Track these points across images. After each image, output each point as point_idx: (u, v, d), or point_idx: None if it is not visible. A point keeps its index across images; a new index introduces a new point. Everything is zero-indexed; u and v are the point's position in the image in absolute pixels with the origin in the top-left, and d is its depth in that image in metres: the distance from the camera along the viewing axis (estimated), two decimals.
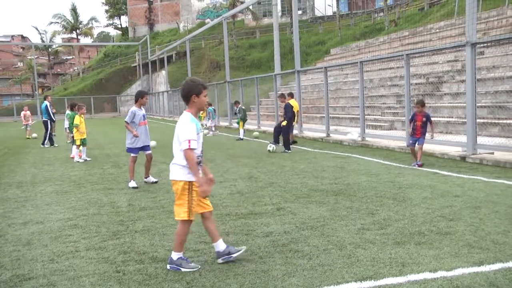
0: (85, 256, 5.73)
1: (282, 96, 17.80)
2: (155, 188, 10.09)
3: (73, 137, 16.68)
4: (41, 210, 8.42)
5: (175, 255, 5.14)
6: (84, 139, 15.48)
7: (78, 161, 15.17)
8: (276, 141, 16.50)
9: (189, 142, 4.96)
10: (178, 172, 5.14)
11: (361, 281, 4.60)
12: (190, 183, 5.06)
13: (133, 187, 10.35)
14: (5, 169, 14.21)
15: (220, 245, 5.29)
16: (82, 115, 15.63)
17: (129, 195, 9.50)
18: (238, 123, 22.86)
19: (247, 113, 23.54)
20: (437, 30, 28.51)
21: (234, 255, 5.24)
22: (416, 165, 11.58)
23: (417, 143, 11.86)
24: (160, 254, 5.68)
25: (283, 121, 16.31)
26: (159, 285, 4.71)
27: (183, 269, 5.03)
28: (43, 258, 5.74)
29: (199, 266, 5.11)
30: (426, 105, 12.19)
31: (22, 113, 28.83)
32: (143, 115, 10.80)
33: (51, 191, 10.22)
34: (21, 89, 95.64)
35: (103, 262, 5.49)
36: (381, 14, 48.51)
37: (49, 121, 21.62)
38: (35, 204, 8.99)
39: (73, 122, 16.48)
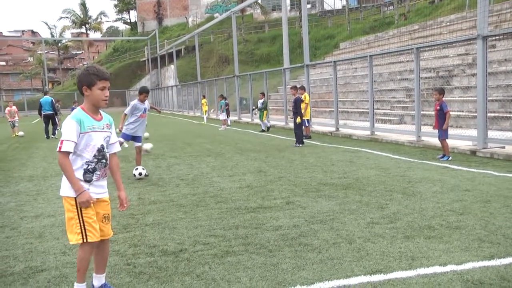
0: None
1: (294, 88, 17.73)
2: (164, 182, 10.14)
3: None
4: (52, 203, 8.49)
5: (75, 287, 4.28)
6: None
7: None
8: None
9: (61, 143, 4.00)
10: (63, 184, 4.17)
11: (370, 275, 4.61)
12: (76, 198, 4.08)
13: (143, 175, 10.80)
14: (16, 163, 14.31)
15: (100, 280, 4.42)
16: None
17: (139, 189, 9.54)
18: (262, 115, 22.84)
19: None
20: (448, 23, 28.33)
21: None
22: (440, 158, 11.62)
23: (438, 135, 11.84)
24: (170, 247, 5.71)
25: (296, 118, 16.29)
26: (169, 277, 4.75)
27: None
28: (55, 250, 5.79)
29: None
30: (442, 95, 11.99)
31: (7, 109, 26.61)
32: (144, 109, 11.07)
33: None
34: (31, 83, 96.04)
35: (114, 255, 5.53)
36: (391, 7, 48.27)
37: (54, 114, 23.86)
38: (47, 197, 9.06)
39: None
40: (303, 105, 17.80)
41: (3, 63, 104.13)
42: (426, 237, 5.70)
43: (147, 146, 12.69)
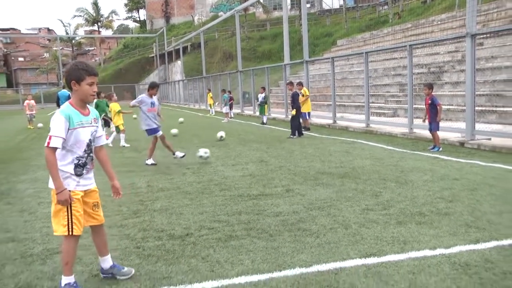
0: (108, 233, 5.75)
1: (290, 84, 17.75)
2: (171, 171, 10.15)
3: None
4: None
5: (64, 280, 4.07)
6: (117, 126, 15.56)
7: (125, 145, 15.16)
8: (299, 133, 16.20)
9: (50, 139, 3.85)
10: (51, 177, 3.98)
11: (365, 258, 4.63)
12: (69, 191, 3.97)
13: (152, 164, 10.98)
14: (33, 152, 14.33)
15: (107, 262, 4.41)
16: (116, 101, 15.76)
17: (148, 177, 9.56)
18: (263, 109, 22.71)
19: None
20: (439, 22, 28.21)
21: (117, 277, 4.35)
22: (431, 149, 11.69)
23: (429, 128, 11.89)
24: (177, 231, 5.73)
25: (292, 110, 16.27)
26: (176, 260, 4.76)
27: None
28: None
29: None
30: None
31: (26, 102, 26.09)
32: (152, 103, 11.04)
33: None
34: (47, 78, 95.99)
35: (125, 238, 5.56)
36: (386, 7, 48.04)
37: None
38: None
39: (96, 108, 16.77)
40: (303, 99, 17.79)
41: (22, 59, 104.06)
42: (417, 222, 5.72)
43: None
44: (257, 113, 24.67)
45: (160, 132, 11.16)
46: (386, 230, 5.46)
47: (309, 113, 18.36)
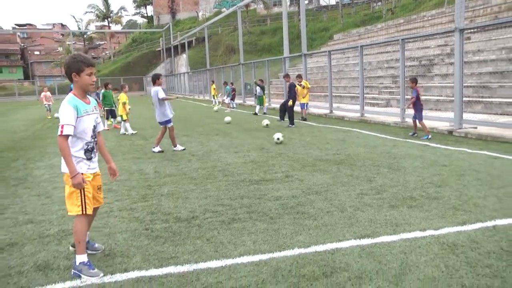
0: (118, 216, 5.81)
1: (287, 76, 17.67)
2: (178, 158, 10.15)
3: (106, 110, 17.08)
4: None
5: (78, 259, 4.06)
6: (126, 114, 15.55)
7: (125, 133, 15.19)
8: (281, 119, 16.35)
9: (62, 127, 3.94)
10: (63, 162, 4.07)
11: (360, 239, 4.64)
12: (81, 175, 4.04)
13: (159, 151, 10.91)
14: (49, 140, 14.33)
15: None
16: (125, 93, 15.71)
17: (155, 163, 9.56)
18: (261, 100, 22.62)
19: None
20: (429, 18, 28.07)
21: (88, 251, 4.32)
22: (411, 135, 12.01)
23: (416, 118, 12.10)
24: (183, 214, 5.74)
25: (288, 101, 16.22)
26: (182, 241, 4.78)
27: (83, 276, 3.95)
28: None
29: (102, 274, 3.99)
30: (418, 83, 12.36)
31: (43, 94, 25.91)
32: (163, 94, 10.97)
33: None
34: (61, 71, 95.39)
35: (134, 221, 5.57)
36: (379, 3, 47.84)
37: None
38: None
39: (104, 98, 16.88)
40: (304, 90, 17.74)
41: (37, 52, 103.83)
42: (408, 206, 5.72)
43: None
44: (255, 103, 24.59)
45: (171, 124, 11.08)
46: (379, 213, 5.47)
47: (307, 104, 18.31)
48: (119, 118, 16.34)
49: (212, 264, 4.15)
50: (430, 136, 11.53)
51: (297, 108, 18.08)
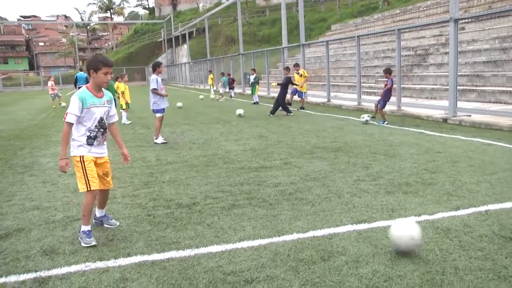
0: (121, 202, 5.82)
1: (287, 69, 17.59)
2: (179, 146, 10.14)
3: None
4: None
5: (82, 228, 4.48)
6: (128, 103, 15.42)
7: (125, 123, 15.02)
8: (272, 113, 16.05)
9: (66, 115, 4.33)
10: (72, 147, 4.48)
11: (356, 224, 4.64)
12: (81, 157, 4.41)
13: (162, 143, 10.51)
14: (54, 129, 14.32)
15: (100, 212, 4.94)
16: (125, 82, 15.54)
17: (157, 151, 9.55)
18: (254, 89, 22.49)
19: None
20: (425, 8, 27.89)
21: (104, 225, 4.89)
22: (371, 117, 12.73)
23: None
24: (184, 201, 5.74)
25: (278, 84, 16.29)
26: (184, 226, 4.78)
27: (82, 243, 4.37)
28: None
29: (94, 243, 4.34)
30: (392, 73, 13.15)
31: (50, 83, 25.41)
32: (160, 83, 10.60)
33: None
34: (65, 61, 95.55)
35: (137, 207, 5.57)
36: None
37: None
38: None
39: (108, 89, 16.61)
40: (302, 79, 17.70)
41: (42, 43, 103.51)
42: (404, 192, 5.73)
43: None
44: (260, 93, 24.52)
45: (161, 114, 10.64)
46: (375, 199, 5.47)
47: (305, 93, 18.25)
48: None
49: (213, 248, 4.16)
50: (386, 122, 12.26)
51: (295, 98, 18.08)
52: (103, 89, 4.58)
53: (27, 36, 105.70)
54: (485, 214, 4.79)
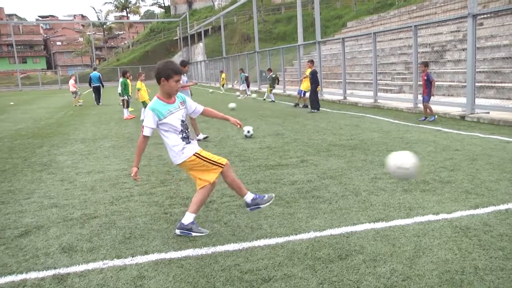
0: (138, 200, 5.84)
1: (311, 62, 17.32)
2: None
3: (123, 100, 16.83)
4: (101, 161, 8.58)
5: (187, 219, 4.51)
6: (144, 101, 15.48)
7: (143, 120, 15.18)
8: (316, 108, 16.09)
9: (143, 128, 4.35)
10: (173, 155, 4.45)
11: (374, 223, 4.61)
12: (194, 154, 4.40)
13: (204, 138, 10.69)
14: (71, 127, 14.46)
15: (248, 196, 4.66)
16: (142, 81, 15.58)
17: None
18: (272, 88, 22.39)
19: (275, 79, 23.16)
20: (442, 4, 27.56)
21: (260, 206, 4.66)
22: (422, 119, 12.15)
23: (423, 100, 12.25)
24: None
25: (317, 87, 16.20)
26: (201, 224, 4.78)
27: (195, 234, 4.47)
28: (105, 201, 5.87)
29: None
30: (429, 67, 12.39)
31: (72, 82, 25.94)
32: (185, 81, 10.65)
33: (109, 146, 10.38)
34: (82, 60, 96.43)
35: (153, 205, 5.59)
36: None
37: (102, 87, 24.87)
38: (96, 156, 9.16)
39: (124, 87, 16.67)
40: (303, 76, 17.61)
41: (59, 43, 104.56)
42: (421, 190, 5.67)
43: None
44: (274, 91, 24.41)
45: None
46: (393, 197, 5.42)
47: (305, 92, 17.88)
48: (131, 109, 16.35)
49: (230, 247, 4.16)
50: (436, 117, 12.05)
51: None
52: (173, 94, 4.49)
53: (45, 35, 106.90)
54: (505, 213, 4.71)
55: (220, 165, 4.44)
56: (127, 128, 13.71)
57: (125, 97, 16.73)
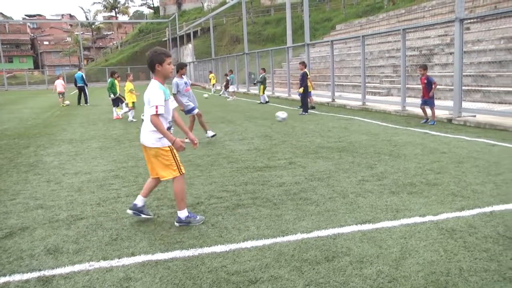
0: (125, 202, 5.82)
1: (302, 64, 17.23)
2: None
3: (112, 100, 16.89)
4: (89, 162, 8.53)
5: (182, 214, 4.78)
6: (133, 102, 15.52)
7: (132, 120, 15.31)
8: (305, 110, 16.02)
9: (157, 107, 4.49)
10: (150, 138, 4.68)
11: (361, 224, 4.63)
12: (170, 146, 4.67)
13: (212, 136, 10.82)
14: (58, 128, 14.35)
15: (140, 201, 4.99)
16: (130, 81, 15.58)
17: None
18: (260, 89, 22.19)
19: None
20: (430, 8, 27.80)
21: (143, 215, 4.95)
22: (425, 122, 12.15)
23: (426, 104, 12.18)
24: (188, 200, 5.73)
25: (300, 88, 16.14)
26: (188, 226, 4.77)
27: (195, 223, 4.77)
28: (92, 202, 5.84)
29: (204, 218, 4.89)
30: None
31: (60, 81, 25.24)
32: (185, 83, 10.42)
33: (96, 147, 10.32)
34: (69, 60, 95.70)
35: None
36: None
37: (86, 87, 24.70)
38: (84, 157, 9.10)
39: (111, 87, 16.70)
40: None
41: (47, 42, 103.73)
42: (408, 192, 5.71)
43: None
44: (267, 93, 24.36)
45: (197, 110, 10.66)
46: (380, 199, 5.46)
47: (310, 93, 17.96)
48: (124, 105, 16.35)
49: (217, 248, 4.16)
50: (435, 123, 11.99)
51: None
52: None
53: (32, 35, 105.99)
54: (490, 215, 4.76)
55: (181, 170, 4.72)
56: (115, 129, 13.64)
57: (112, 96, 16.83)
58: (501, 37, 17.07)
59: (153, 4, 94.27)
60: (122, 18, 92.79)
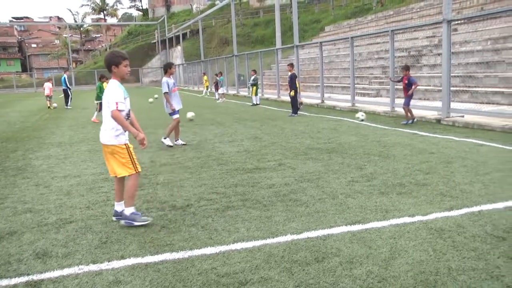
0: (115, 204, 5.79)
1: (291, 65, 17.21)
2: (173, 148, 10.11)
3: (99, 103, 16.67)
4: (78, 166, 8.49)
5: (128, 211, 4.88)
6: None
7: None
8: (294, 112, 16.00)
9: (117, 104, 4.66)
10: (106, 135, 4.81)
11: (350, 225, 4.65)
12: (126, 144, 4.83)
13: (168, 145, 10.22)
14: (47, 131, 14.26)
15: (119, 206, 5.04)
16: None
17: (151, 153, 9.52)
18: (252, 90, 22.01)
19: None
20: (418, 10, 28.00)
21: (123, 222, 4.93)
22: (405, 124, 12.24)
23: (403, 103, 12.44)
24: (178, 203, 5.73)
25: (290, 91, 16.13)
26: (178, 228, 4.77)
27: (135, 223, 4.83)
28: (81, 205, 5.81)
29: (151, 219, 4.99)
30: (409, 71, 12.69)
31: (49, 84, 25.54)
32: (173, 83, 10.29)
33: (86, 150, 10.27)
34: (58, 63, 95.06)
35: None
36: None
37: (68, 89, 24.58)
38: (73, 161, 9.05)
39: (99, 91, 16.54)
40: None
41: (34, 45, 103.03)
42: (398, 193, 5.74)
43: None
44: (249, 94, 24.32)
45: (177, 116, 10.37)
46: (369, 200, 5.48)
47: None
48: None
49: (207, 250, 4.15)
50: (416, 120, 12.29)
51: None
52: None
53: (20, 37, 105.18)
54: (478, 215, 4.81)
55: (136, 168, 4.88)
56: None
57: (100, 101, 16.59)
58: (488, 38, 17.24)
59: (142, 6, 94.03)
60: (111, 20, 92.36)
